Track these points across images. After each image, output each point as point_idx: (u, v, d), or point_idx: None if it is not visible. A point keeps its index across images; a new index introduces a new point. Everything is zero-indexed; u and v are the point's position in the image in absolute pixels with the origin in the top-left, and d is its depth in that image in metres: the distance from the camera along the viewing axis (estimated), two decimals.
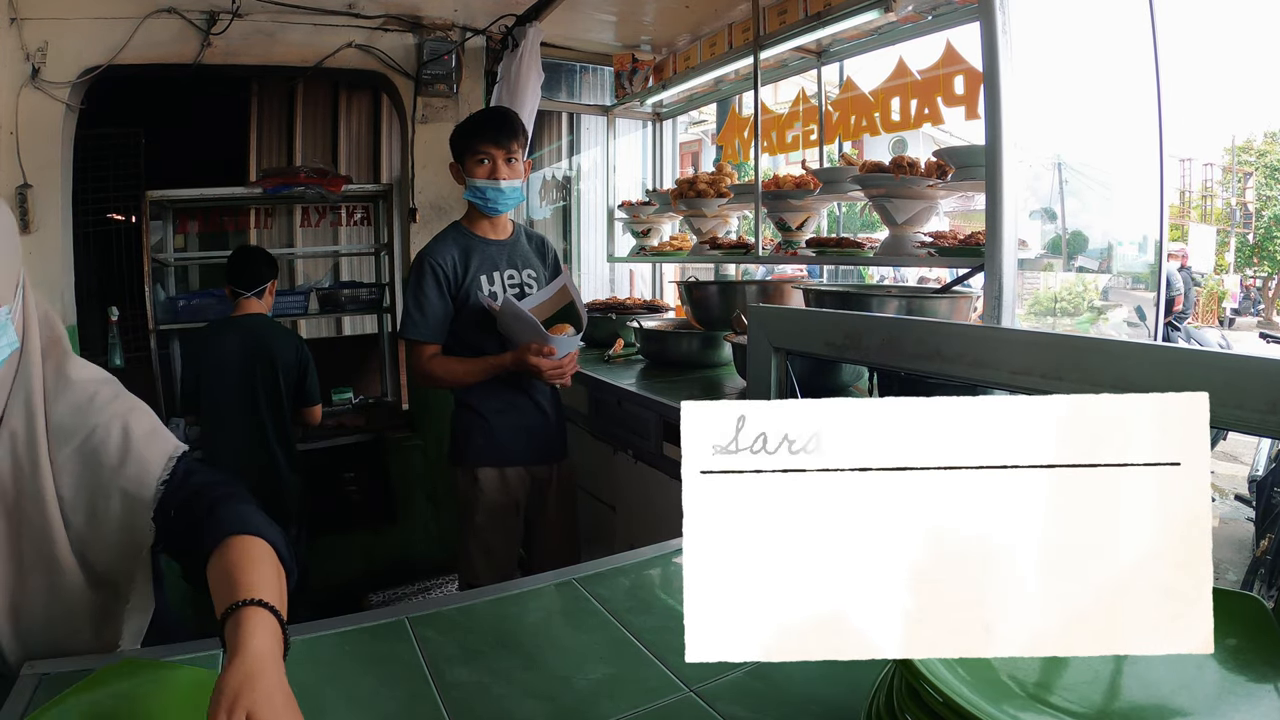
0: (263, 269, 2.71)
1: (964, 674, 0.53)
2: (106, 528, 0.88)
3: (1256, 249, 15.42)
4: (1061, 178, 2.19)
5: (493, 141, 1.95)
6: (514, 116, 2.06)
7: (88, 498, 0.87)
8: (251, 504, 0.88)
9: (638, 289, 4.22)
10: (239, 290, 2.66)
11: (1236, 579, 3.09)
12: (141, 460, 0.88)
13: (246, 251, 2.81)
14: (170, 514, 0.88)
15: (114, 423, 0.88)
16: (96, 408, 0.89)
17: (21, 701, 0.73)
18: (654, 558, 1.14)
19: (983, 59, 1.63)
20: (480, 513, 2.01)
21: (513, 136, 1.97)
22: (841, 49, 2.73)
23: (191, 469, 0.92)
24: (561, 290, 1.96)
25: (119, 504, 0.88)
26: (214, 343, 2.61)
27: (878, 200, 2.18)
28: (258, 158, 4.32)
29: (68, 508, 0.86)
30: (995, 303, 1.63)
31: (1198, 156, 15.73)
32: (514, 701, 0.77)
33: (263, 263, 2.73)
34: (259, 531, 0.82)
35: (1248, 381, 0.76)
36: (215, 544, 0.80)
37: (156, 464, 0.89)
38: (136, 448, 0.88)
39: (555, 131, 4.30)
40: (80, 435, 0.87)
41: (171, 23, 2.88)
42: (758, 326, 1.43)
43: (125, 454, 0.88)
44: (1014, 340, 1.03)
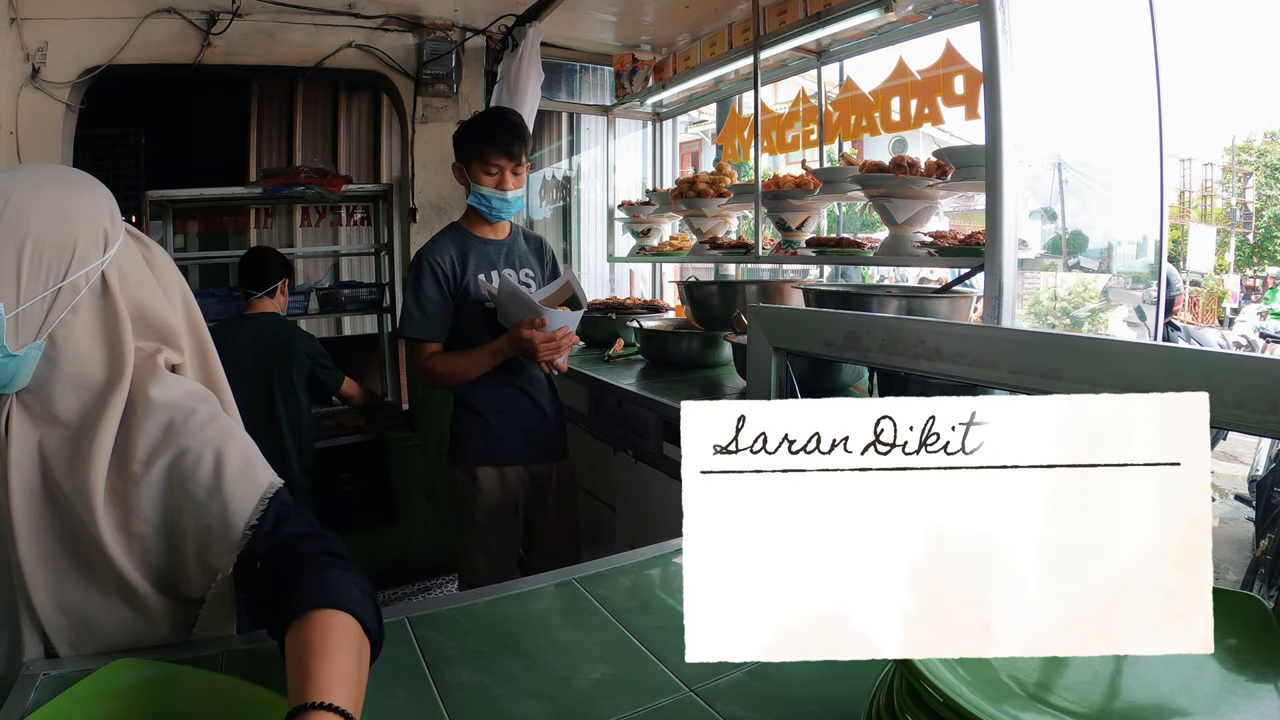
0: (272, 269, 2.71)
1: (964, 674, 0.53)
2: (184, 550, 0.84)
3: (1256, 249, 15.43)
4: (1061, 178, 2.19)
5: (505, 153, 1.94)
6: (523, 125, 2.06)
7: (165, 518, 0.84)
8: (342, 561, 0.81)
9: (638, 289, 4.22)
10: (251, 290, 2.66)
11: (1236, 579, 3.09)
12: (231, 499, 0.83)
13: (258, 253, 2.81)
14: (256, 565, 0.82)
15: (207, 450, 0.84)
16: (191, 429, 0.85)
17: (22, 701, 0.73)
18: (654, 558, 1.14)
19: (983, 59, 1.63)
20: (479, 512, 2.02)
21: (523, 148, 1.98)
22: (841, 49, 2.73)
23: (283, 513, 0.85)
24: (564, 285, 1.96)
25: (198, 537, 0.83)
26: (224, 343, 2.59)
27: (878, 200, 2.18)
28: (258, 158, 4.33)
29: (143, 523, 0.83)
30: (995, 303, 1.63)
31: (1198, 156, 15.74)
32: (514, 701, 0.77)
33: (273, 263, 2.73)
34: (347, 605, 0.74)
35: (1248, 381, 0.76)
36: (295, 616, 0.72)
37: (247, 505, 0.84)
38: (228, 485, 0.84)
39: (555, 131, 4.30)
40: (168, 455, 0.83)
41: (171, 23, 2.88)
42: (758, 326, 1.43)
43: (215, 489, 0.83)
44: (1014, 340, 1.03)
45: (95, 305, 0.83)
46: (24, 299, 0.78)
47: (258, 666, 0.82)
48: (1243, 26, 28.83)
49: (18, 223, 0.78)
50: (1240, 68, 32.92)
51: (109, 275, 0.84)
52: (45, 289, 0.79)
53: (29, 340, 0.79)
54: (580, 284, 1.99)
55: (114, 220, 0.86)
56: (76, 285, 0.81)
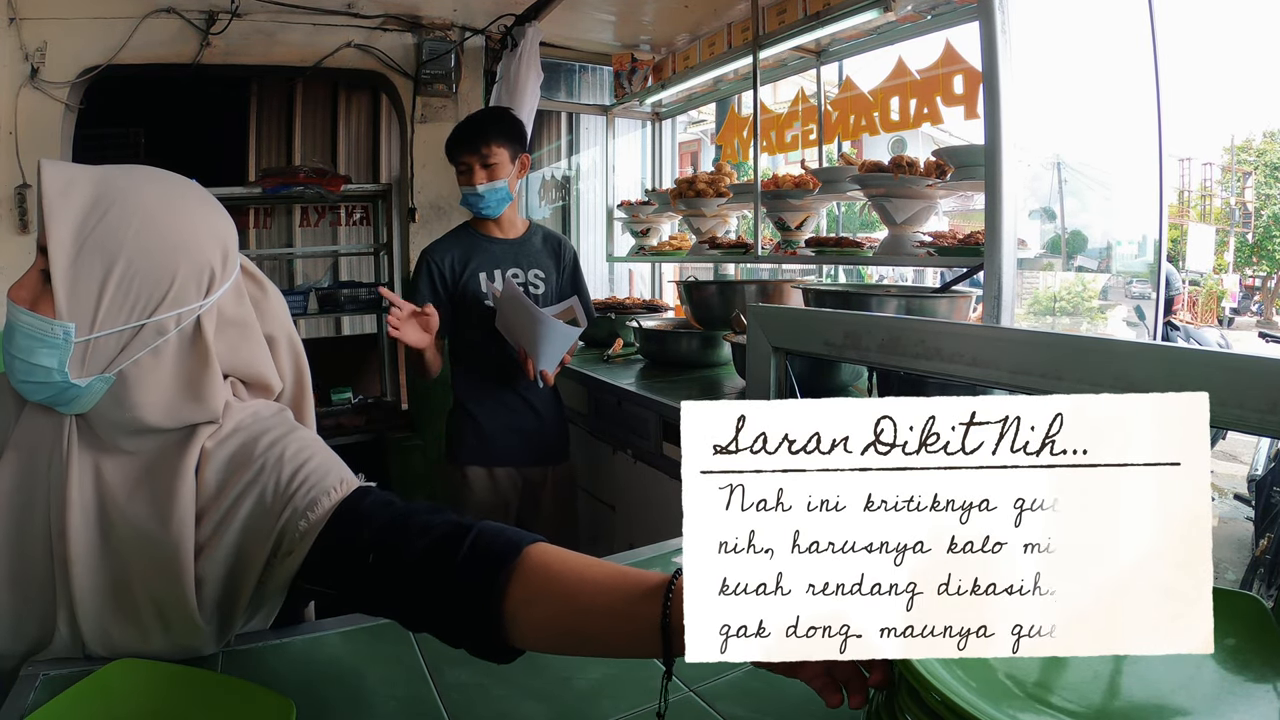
0: None
1: (963, 674, 0.53)
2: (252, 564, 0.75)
3: (1256, 248, 15.43)
4: (1061, 177, 2.19)
5: (465, 149, 1.96)
6: (488, 116, 2.06)
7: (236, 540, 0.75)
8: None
9: (637, 289, 4.22)
10: None
11: (1236, 578, 3.09)
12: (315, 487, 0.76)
13: None
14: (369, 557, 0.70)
15: (284, 465, 0.77)
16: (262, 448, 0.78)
17: (22, 701, 0.73)
18: (654, 558, 1.14)
19: (982, 59, 1.63)
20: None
21: (484, 141, 1.96)
22: (841, 49, 2.73)
23: (381, 499, 0.76)
24: (567, 309, 1.97)
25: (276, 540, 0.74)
26: None
27: (877, 200, 2.18)
28: (257, 157, 4.32)
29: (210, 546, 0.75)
30: (995, 302, 1.63)
31: (1197, 156, 15.73)
32: (514, 701, 0.77)
33: None
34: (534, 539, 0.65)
35: (1248, 381, 0.76)
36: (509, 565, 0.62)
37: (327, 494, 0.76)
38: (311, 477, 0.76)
39: (554, 131, 4.29)
40: (244, 478, 0.76)
41: (170, 23, 2.88)
42: (757, 326, 1.44)
43: (294, 485, 0.76)
44: (1014, 340, 1.03)
45: (182, 351, 0.74)
46: (100, 326, 0.69)
47: (258, 666, 0.82)
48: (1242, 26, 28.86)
49: (111, 241, 0.69)
50: (1240, 67, 32.95)
51: (204, 321, 0.74)
52: (127, 322, 0.70)
53: (97, 371, 0.70)
54: (583, 310, 2.00)
55: (225, 257, 0.76)
56: (164, 326, 0.71)
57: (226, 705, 0.72)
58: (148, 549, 0.74)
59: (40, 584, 0.75)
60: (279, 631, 0.90)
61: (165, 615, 0.76)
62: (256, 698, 0.72)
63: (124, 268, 0.69)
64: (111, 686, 0.73)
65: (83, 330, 0.69)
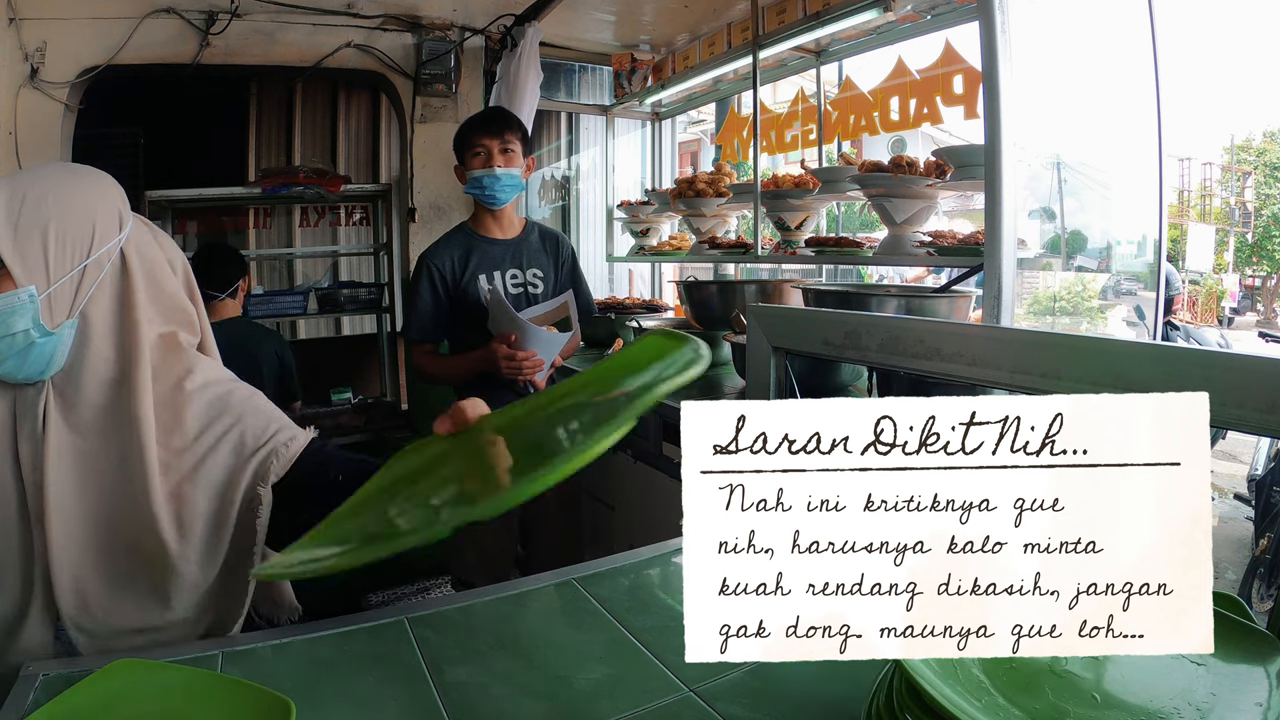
0: (231, 268, 2.55)
1: (960, 674, 0.54)
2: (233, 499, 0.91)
3: (1255, 248, 15.42)
4: (1060, 177, 2.19)
5: (486, 133, 1.98)
6: (509, 113, 2.08)
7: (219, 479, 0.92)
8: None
9: (637, 289, 4.22)
10: (213, 293, 2.47)
11: (1236, 578, 3.09)
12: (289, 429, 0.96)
13: (213, 250, 2.65)
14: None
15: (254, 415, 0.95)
16: (234, 403, 0.95)
17: (22, 701, 0.73)
18: (653, 558, 1.14)
19: (982, 58, 1.63)
20: None
21: (506, 128, 2.00)
22: (840, 48, 2.73)
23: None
24: (561, 306, 1.97)
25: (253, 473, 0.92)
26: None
27: (877, 200, 2.18)
28: (257, 158, 4.32)
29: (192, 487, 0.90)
30: (995, 302, 1.63)
31: (1196, 156, 15.71)
32: (514, 701, 0.77)
33: (231, 261, 2.58)
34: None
35: (1248, 381, 0.76)
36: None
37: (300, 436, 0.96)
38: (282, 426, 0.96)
39: (554, 131, 4.30)
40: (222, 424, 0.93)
41: (170, 23, 2.88)
42: (757, 326, 1.43)
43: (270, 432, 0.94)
44: (1014, 340, 1.03)
45: (118, 281, 0.90)
46: (54, 279, 0.84)
47: (258, 667, 0.82)
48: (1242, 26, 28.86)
49: (38, 212, 0.84)
50: (1239, 67, 32.91)
51: (128, 253, 0.90)
52: (72, 267, 0.85)
53: (63, 319, 0.85)
54: (583, 304, 2.00)
55: (125, 204, 0.94)
56: (100, 262, 0.88)
57: (226, 705, 0.72)
58: (120, 484, 0.87)
59: (10, 546, 0.86)
60: (279, 631, 0.90)
61: (140, 552, 0.87)
62: (256, 698, 0.72)
63: (56, 229, 0.85)
64: (111, 686, 0.73)
65: (41, 287, 0.83)
